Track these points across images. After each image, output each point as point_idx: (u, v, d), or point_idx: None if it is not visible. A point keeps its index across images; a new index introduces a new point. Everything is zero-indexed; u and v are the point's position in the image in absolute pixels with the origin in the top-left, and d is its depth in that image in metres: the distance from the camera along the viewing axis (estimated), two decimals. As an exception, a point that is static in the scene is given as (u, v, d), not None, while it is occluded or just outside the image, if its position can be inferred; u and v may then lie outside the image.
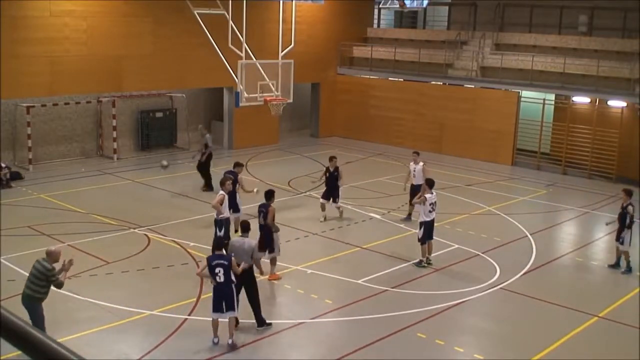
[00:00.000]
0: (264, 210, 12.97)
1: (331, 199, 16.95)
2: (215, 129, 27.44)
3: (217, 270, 9.99)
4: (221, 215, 13.36)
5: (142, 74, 23.32)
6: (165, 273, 13.25)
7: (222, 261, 10.05)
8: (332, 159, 17.04)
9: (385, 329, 10.98)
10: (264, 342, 10.52)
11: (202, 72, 24.21)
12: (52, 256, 9.43)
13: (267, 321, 10.89)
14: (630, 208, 13.95)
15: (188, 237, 14.35)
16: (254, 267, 10.88)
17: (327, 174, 16.98)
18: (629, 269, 14.08)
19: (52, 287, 9.51)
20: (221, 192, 13.51)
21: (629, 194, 14.14)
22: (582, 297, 12.91)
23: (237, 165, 15.78)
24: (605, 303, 12.47)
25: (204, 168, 19.47)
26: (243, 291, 10.66)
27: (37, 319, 9.12)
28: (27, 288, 9.36)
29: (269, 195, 13.23)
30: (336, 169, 16.88)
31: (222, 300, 10.06)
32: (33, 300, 9.30)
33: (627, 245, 14.03)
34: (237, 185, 15.00)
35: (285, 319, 11.16)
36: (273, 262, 13.00)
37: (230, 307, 10.09)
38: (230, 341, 10.16)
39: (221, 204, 13.31)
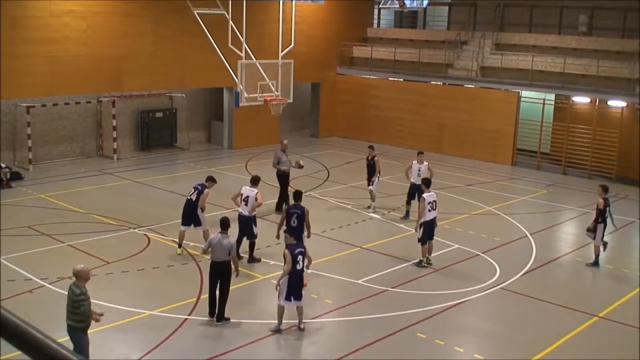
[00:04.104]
0: (299, 212, 12.69)
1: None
2: (215, 129, 27.47)
3: (298, 258, 10.52)
4: (254, 212, 13.64)
5: (142, 74, 23.33)
6: (165, 273, 13.25)
7: (301, 249, 10.69)
8: (369, 147, 18.10)
9: (385, 329, 10.98)
10: (264, 342, 10.52)
11: (202, 72, 24.21)
12: (79, 276, 8.65)
13: (226, 316, 11.11)
14: (600, 201, 14.30)
15: (188, 237, 14.33)
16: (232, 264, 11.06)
17: (367, 162, 18.05)
18: (596, 263, 14.38)
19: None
20: (257, 190, 13.64)
21: (603, 189, 14.55)
22: (582, 297, 12.91)
23: (209, 179, 14.52)
24: (605, 303, 12.47)
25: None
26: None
27: (81, 348, 8.52)
28: (67, 318, 8.68)
29: (299, 195, 13.17)
30: (372, 158, 17.73)
31: (298, 287, 10.59)
32: (76, 330, 8.66)
33: (598, 239, 14.35)
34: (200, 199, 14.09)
35: (285, 319, 11.14)
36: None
37: (301, 296, 10.71)
38: (302, 325, 10.75)
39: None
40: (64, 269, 12.78)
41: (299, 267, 10.55)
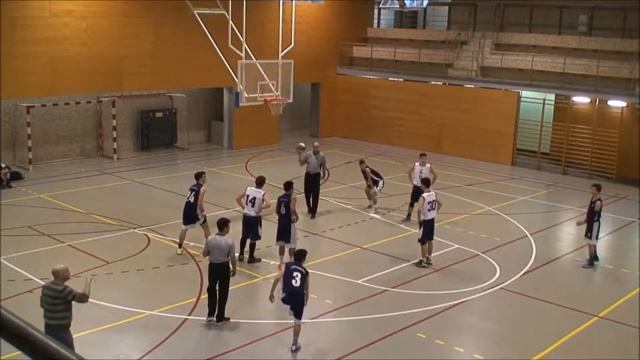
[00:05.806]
0: (286, 200, 13.36)
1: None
2: (215, 129, 27.47)
3: (294, 274, 10.02)
4: (261, 213, 13.70)
5: (142, 74, 23.33)
6: (165, 273, 13.25)
7: (300, 269, 10.08)
8: (359, 162, 18.14)
9: (385, 329, 10.98)
10: (264, 342, 10.52)
11: (202, 72, 24.21)
12: (59, 275, 8.44)
13: (226, 317, 11.05)
14: (598, 203, 14.23)
15: (188, 237, 14.33)
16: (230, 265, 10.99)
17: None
18: (591, 263, 14.38)
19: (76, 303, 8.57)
20: (264, 192, 13.65)
21: (598, 188, 14.48)
22: (582, 297, 12.92)
23: (199, 176, 14.19)
24: (605, 303, 12.47)
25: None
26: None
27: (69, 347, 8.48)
28: (49, 319, 8.40)
29: (289, 185, 13.73)
30: (363, 171, 17.81)
31: (295, 302, 10.08)
32: (60, 328, 8.38)
33: (594, 238, 14.34)
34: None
35: (285, 319, 11.14)
36: (291, 253, 12.91)
37: (299, 315, 10.16)
38: (294, 347, 10.23)
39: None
40: (64, 269, 12.79)
41: (294, 283, 10.02)
